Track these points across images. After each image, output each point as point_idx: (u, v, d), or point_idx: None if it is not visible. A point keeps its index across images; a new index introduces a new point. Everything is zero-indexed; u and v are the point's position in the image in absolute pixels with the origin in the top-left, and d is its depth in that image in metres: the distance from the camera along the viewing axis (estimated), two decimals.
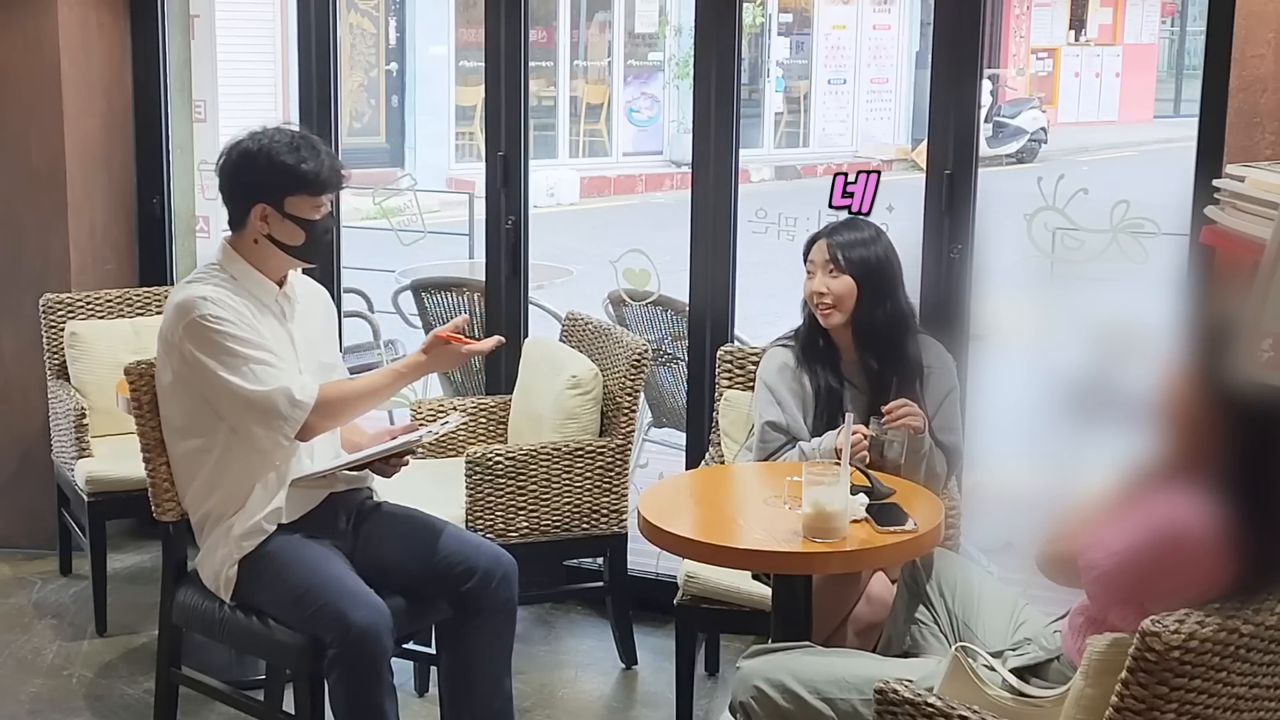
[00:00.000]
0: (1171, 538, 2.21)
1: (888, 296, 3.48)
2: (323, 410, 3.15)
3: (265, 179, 3.19)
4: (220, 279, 3.22)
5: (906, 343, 3.50)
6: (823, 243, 3.51)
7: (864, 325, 3.49)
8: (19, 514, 5.03)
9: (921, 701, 2.40)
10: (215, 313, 3.12)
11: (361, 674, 3.01)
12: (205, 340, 3.12)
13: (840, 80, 17.66)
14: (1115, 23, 20.39)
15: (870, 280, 3.47)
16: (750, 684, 2.74)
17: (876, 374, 3.49)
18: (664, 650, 4.13)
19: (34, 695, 4.01)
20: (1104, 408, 2.72)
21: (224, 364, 3.11)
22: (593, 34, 16.63)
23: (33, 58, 4.84)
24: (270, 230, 3.20)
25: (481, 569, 3.22)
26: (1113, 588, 2.32)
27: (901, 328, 3.50)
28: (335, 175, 3.23)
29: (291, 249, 3.23)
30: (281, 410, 3.10)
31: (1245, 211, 2.99)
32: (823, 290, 3.48)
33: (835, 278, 3.47)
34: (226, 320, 3.12)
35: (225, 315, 3.12)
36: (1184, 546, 2.19)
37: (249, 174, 3.20)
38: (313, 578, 3.10)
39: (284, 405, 3.10)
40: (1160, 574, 2.23)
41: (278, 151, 3.17)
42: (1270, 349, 2.26)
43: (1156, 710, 2.08)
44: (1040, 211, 3.92)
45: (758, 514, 3.10)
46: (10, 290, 4.95)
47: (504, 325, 4.67)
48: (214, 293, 3.17)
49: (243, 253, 3.24)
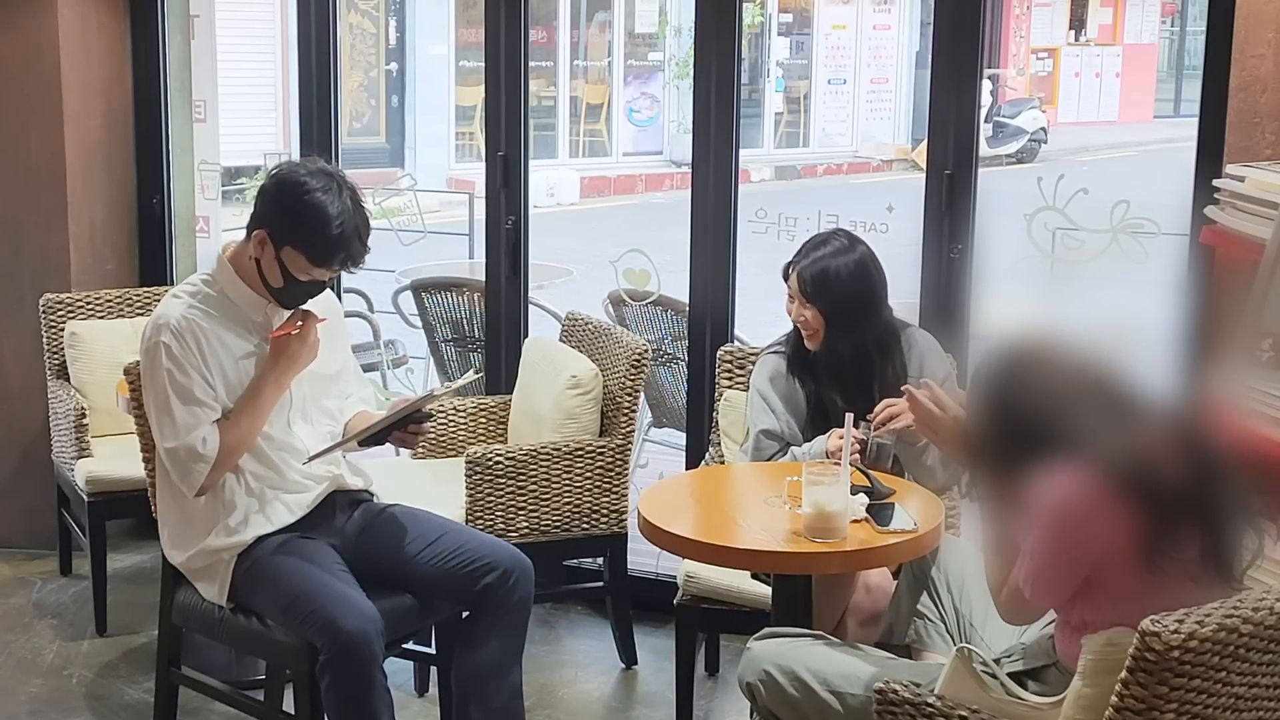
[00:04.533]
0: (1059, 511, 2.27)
1: (854, 330, 3.46)
2: (224, 455, 3.13)
3: (283, 214, 3.12)
4: (203, 296, 3.20)
5: (873, 381, 3.46)
6: (795, 271, 3.50)
7: (827, 357, 3.49)
8: (19, 514, 5.03)
9: (921, 702, 2.40)
10: (172, 347, 3.11)
11: (352, 679, 3.01)
12: (152, 368, 3.14)
13: (840, 80, 17.65)
14: (1115, 23, 20.38)
15: (835, 312, 3.45)
16: (760, 666, 2.74)
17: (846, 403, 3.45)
18: (664, 650, 4.14)
19: (34, 695, 4.01)
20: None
21: (154, 403, 3.15)
22: (593, 34, 16.62)
23: (33, 58, 4.84)
24: (260, 258, 3.15)
25: (502, 566, 3.23)
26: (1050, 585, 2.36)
27: (866, 365, 3.46)
28: (345, 261, 3.13)
29: (269, 286, 3.19)
30: (178, 466, 3.13)
31: (1245, 211, 3.00)
32: (801, 319, 3.50)
33: (806, 307, 3.48)
34: (176, 358, 3.11)
35: (178, 353, 3.11)
36: (1071, 511, 2.25)
37: (277, 201, 3.14)
38: (303, 583, 3.09)
39: (184, 460, 3.11)
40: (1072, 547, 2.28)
41: (314, 204, 3.07)
42: (1270, 349, 2.27)
43: (1156, 710, 2.08)
44: (1040, 211, 3.92)
45: (758, 514, 3.10)
46: (10, 290, 4.95)
47: (504, 325, 4.68)
48: (185, 317, 3.14)
49: (238, 266, 3.21)
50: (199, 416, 3.12)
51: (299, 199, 3.08)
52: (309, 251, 3.10)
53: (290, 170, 3.16)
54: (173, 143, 5.18)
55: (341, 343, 3.48)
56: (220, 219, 5.17)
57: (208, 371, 3.14)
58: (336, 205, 3.08)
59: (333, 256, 3.11)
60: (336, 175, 3.15)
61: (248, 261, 3.18)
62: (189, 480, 3.14)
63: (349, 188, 3.14)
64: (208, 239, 5.17)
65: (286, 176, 3.14)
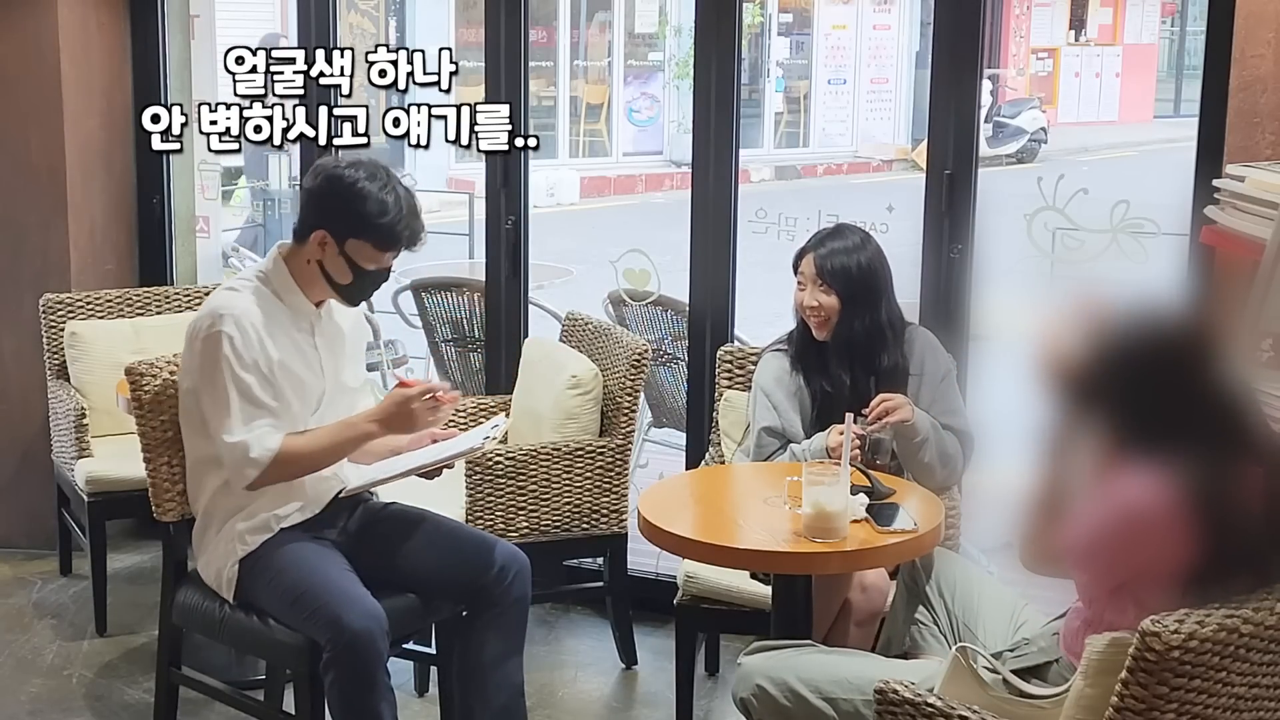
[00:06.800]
0: (1130, 514, 2.23)
1: (868, 309, 3.49)
2: (280, 467, 3.13)
3: (341, 210, 3.13)
4: (261, 291, 3.20)
5: (883, 354, 3.50)
6: (811, 257, 3.52)
7: (841, 338, 3.50)
8: (19, 514, 5.03)
9: (921, 701, 2.40)
10: (235, 339, 3.09)
11: (356, 677, 3.01)
12: (212, 357, 3.10)
13: (840, 80, 17.64)
14: (1115, 23, 20.37)
15: (852, 295, 3.48)
16: (752, 681, 2.75)
17: (852, 385, 3.49)
18: (664, 650, 4.14)
19: (34, 695, 4.01)
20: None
21: (210, 395, 3.12)
22: (593, 34, 16.61)
23: (33, 58, 4.84)
24: (324, 259, 3.16)
25: (500, 564, 3.24)
26: (1091, 572, 2.34)
27: (879, 340, 3.50)
28: (411, 239, 3.18)
29: (336, 285, 3.20)
30: (231, 463, 3.12)
31: (1245, 211, 3.00)
32: (815, 304, 3.50)
33: (826, 293, 3.48)
34: (239, 351, 3.09)
35: (240, 347, 3.09)
36: (1143, 521, 2.22)
37: (329, 198, 3.14)
38: (309, 580, 3.10)
39: (237, 460, 3.10)
40: (1127, 551, 2.25)
41: (367, 193, 3.10)
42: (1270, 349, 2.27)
43: (1156, 710, 2.08)
44: (1040, 211, 3.92)
45: (758, 514, 3.10)
46: (10, 290, 4.95)
47: (504, 325, 4.68)
48: (247, 310, 3.13)
49: (293, 268, 3.21)
50: (254, 415, 3.10)
51: (351, 191, 3.11)
52: (376, 239, 3.13)
53: (332, 167, 3.17)
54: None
55: (363, 358, 3.52)
56: (220, 219, 5.17)
57: (267, 367, 3.13)
58: (388, 191, 3.12)
59: (400, 238, 3.15)
60: (369, 162, 3.17)
61: (305, 265, 3.18)
62: (238, 478, 3.14)
63: (384, 169, 3.16)
64: (208, 239, 5.18)
65: (331, 173, 3.16)
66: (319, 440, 3.17)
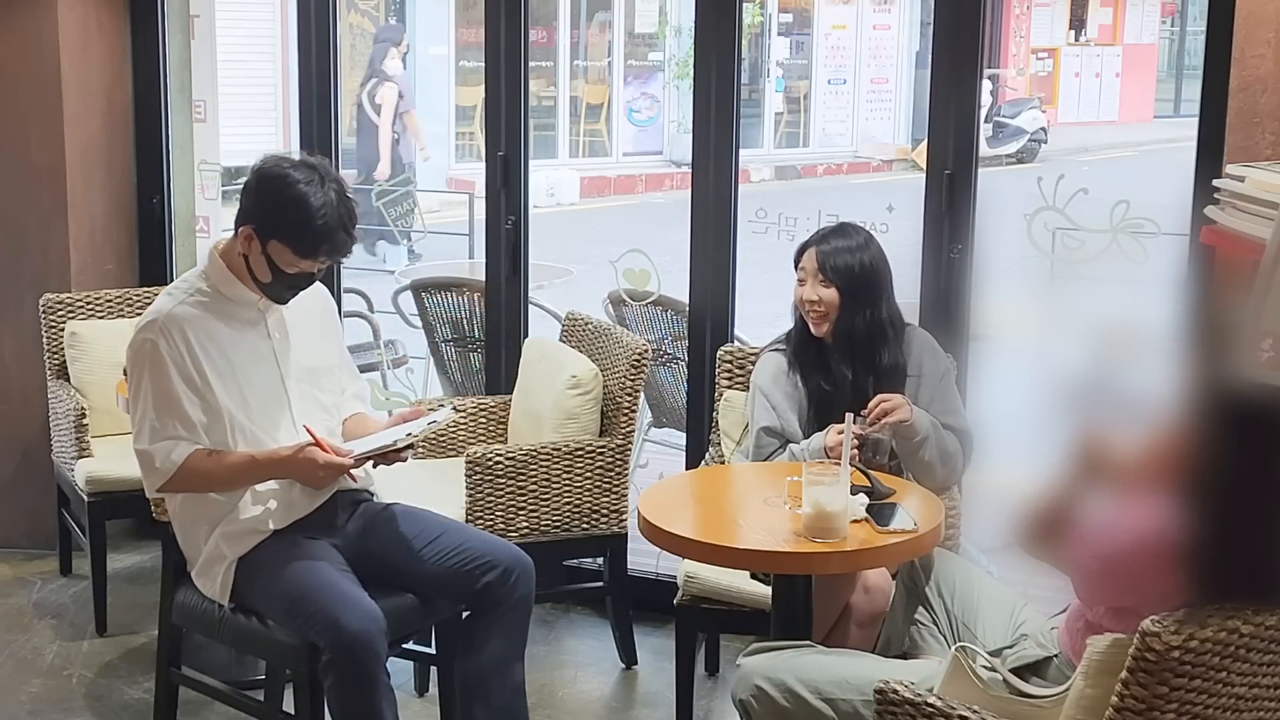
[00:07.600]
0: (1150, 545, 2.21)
1: (869, 305, 3.50)
2: (185, 480, 3.14)
3: (268, 209, 3.13)
4: (196, 292, 3.21)
5: (883, 351, 3.50)
6: (813, 251, 3.52)
7: (841, 334, 3.51)
8: (19, 514, 5.03)
9: (921, 701, 2.40)
10: (159, 345, 3.12)
11: (356, 680, 3.01)
12: (137, 364, 3.15)
13: (840, 80, 17.64)
14: (1115, 23, 20.37)
15: (853, 290, 3.49)
16: (751, 682, 2.75)
17: (852, 381, 3.49)
18: (664, 650, 4.14)
19: (34, 695, 4.01)
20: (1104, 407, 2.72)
21: (133, 399, 3.17)
22: (593, 34, 16.61)
23: (33, 58, 4.84)
24: (248, 254, 3.16)
25: (503, 565, 3.23)
26: (1100, 591, 2.33)
27: (879, 336, 3.50)
28: (331, 251, 3.15)
29: (258, 282, 3.20)
30: (141, 467, 3.16)
31: (1245, 211, 2.99)
32: (814, 299, 3.50)
33: (826, 287, 3.48)
34: (161, 358, 3.11)
35: (164, 353, 3.11)
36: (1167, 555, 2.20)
37: (261, 195, 3.14)
38: (306, 583, 3.09)
39: (143, 466, 3.15)
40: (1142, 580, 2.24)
41: (297, 197, 3.08)
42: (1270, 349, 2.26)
43: (1156, 710, 2.08)
44: (1040, 211, 3.92)
45: (758, 514, 3.10)
46: (10, 290, 4.95)
47: (504, 325, 4.68)
48: (177, 316, 3.15)
49: (228, 261, 3.22)
50: (170, 427, 3.12)
51: (282, 192, 3.10)
52: (294, 244, 3.11)
53: (273, 164, 3.17)
54: (173, 143, 5.18)
55: (334, 335, 3.49)
56: (220, 219, 5.17)
57: (196, 370, 3.14)
58: (320, 197, 3.09)
59: (318, 248, 3.12)
60: (320, 167, 3.15)
61: (237, 258, 3.19)
62: (146, 483, 3.19)
63: (333, 179, 3.14)
64: (208, 239, 5.18)
65: (269, 171, 3.15)
66: (225, 467, 3.16)
